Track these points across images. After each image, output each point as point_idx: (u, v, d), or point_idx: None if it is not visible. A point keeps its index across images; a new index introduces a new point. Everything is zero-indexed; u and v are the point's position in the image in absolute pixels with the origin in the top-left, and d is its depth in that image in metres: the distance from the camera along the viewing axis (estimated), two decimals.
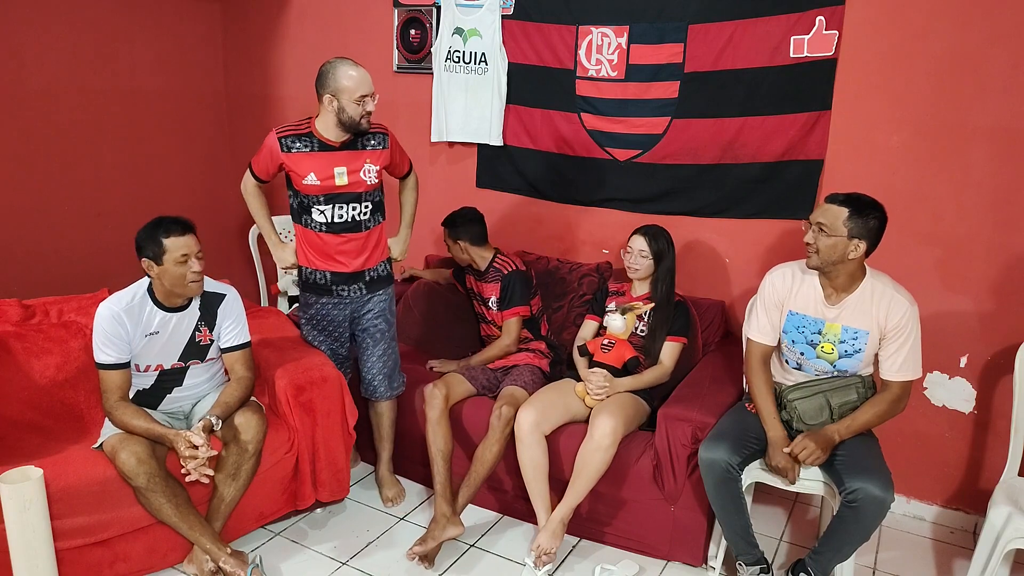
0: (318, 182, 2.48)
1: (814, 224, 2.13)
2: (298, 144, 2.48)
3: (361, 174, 2.52)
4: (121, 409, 2.19)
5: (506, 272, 2.83)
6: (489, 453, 2.49)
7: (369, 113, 2.44)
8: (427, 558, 2.42)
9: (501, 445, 2.49)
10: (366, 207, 2.57)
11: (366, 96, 2.40)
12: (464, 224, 2.88)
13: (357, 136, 2.51)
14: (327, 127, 2.46)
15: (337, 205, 2.52)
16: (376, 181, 2.57)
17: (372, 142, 2.55)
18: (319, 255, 2.59)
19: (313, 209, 2.53)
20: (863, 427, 2.17)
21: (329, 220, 2.54)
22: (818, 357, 2.25)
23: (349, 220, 2.55)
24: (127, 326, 2.21)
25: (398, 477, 2.89)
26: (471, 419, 2.67)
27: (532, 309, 2.88)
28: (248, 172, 2.61)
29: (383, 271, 2.68)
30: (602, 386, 2.51)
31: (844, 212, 2.09)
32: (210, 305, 2.37)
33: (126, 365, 2.24)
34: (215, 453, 2.20)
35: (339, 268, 2.59)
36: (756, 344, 2.33)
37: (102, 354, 2.20)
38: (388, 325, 2.71)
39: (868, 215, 2.08)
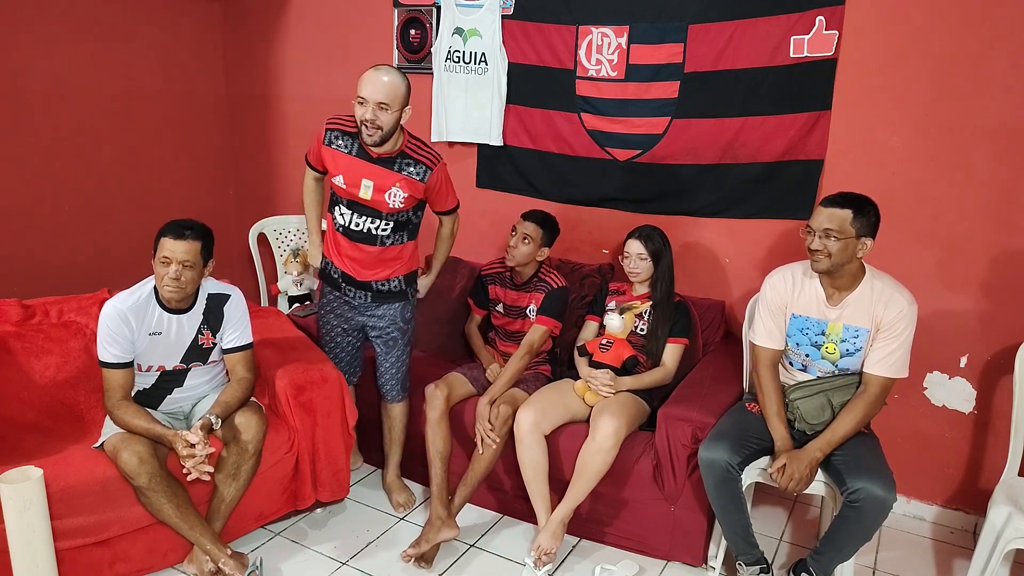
0: (344, 187, 2.44)
1: (819, 231, 2.13)
2: (339, 141, 2.44)
3: (386, 196, 2.41)
4: (122, 408, 2.19)
5: (555, 286, 2.73)
6: (487, 453, 2.49)
7: (370, 122, 2.26)
8: (424, 559, 2.41)
9: (499, 445, 2.49)
10: (387, 224, 2.48)
11: (362, 97, 2.26)
12: (555, 234, 2.80)
13: (400, 156, 2.40)
14: None
15: (356, 214, 2.48)
16: (400, 206, 2.44)
17: (411, 169, 2.41)
18: (336, 251, 2.58)
19: (336, 208, 2.52)
20: (844, 438, 2.14)
21: (346, 224, 2.50)
22: (822, 358, 2.25)
23: (365, 231, 2.49)
24: (132, 325, 2.21)
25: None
26: (472, 419, 2.65)
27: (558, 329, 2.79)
28: (307, 163, 2.61)
29: (395, 287, 2.59)
30: (607, 384, 2.51)
31: (848, 214, 2.10)
32: (215, 306, 2.37)
33: (129, 364, 2.24)
34: (212, 450, 2.20)
35: (348, 271, 2.57)
36: (764, 350, 2.32)
37: (106, 352, 2.20)
38: (401, 333, 2.66)
39: (868, 212, 2.12)
